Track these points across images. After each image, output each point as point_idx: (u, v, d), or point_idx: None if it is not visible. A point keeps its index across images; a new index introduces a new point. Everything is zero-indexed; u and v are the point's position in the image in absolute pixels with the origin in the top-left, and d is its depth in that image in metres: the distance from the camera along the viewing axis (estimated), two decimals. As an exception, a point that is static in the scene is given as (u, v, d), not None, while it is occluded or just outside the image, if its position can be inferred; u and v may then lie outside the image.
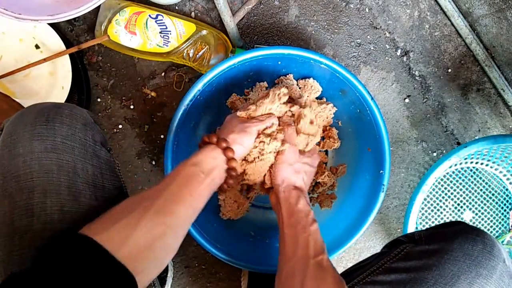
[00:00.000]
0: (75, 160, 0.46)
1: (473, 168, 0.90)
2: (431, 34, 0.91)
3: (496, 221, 0.90)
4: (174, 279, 0.89)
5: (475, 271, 0.47)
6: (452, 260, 0.48)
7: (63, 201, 0.44)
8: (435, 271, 0.48)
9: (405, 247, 0.53)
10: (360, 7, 0.89)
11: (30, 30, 0.77)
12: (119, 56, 0.86)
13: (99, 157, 0.50)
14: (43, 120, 0.45)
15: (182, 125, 0.70)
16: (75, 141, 0.47)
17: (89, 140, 0.49)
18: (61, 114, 0.47)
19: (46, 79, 0.79)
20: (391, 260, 0.53)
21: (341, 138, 0.80)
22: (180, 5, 0.86)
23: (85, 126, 0.49)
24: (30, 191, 0.42)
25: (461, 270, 0.47)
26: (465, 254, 0.48)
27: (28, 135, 0.44)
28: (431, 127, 0.92)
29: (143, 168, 0.88)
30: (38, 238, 0.41)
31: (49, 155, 0.44)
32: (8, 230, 0.42)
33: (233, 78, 0.75)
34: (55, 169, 0.44)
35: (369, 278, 0.53)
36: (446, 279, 0.47)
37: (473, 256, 0.48)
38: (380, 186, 0.72)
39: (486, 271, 0.47)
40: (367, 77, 0.90)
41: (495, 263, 0.48)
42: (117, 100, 0.87)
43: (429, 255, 0.50)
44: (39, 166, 0.43)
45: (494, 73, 0.90)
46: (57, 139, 0.45)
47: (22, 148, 0.44)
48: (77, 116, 0.48)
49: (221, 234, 0.75)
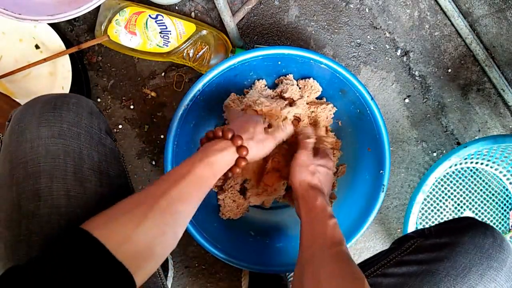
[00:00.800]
0: (81, 147, 0.47)
1: (473, 168, 0.90)
2: (431, 34, 0.91)
3: (496, 221, 0.90)
4: (174, 279, 0.89)
5: (486, 263, 0.48)
6: (463, 253, 0.49)
7: (69, 186, 0.44)
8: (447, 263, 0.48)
9: (416, 241, 0.54)
10: (360, 7, 0.89)
11: (30, 30, 0.77)
12: (119, 56, 0.86)
13: (104, 145, 0.50)
14: (50, 107, 0.46)
15: (182, 125, 0.70)
16: (81, 128, 0.47)
17: (95, 128, 0.49)
18: (68, 103, 0.48)
19: (46, 79, 0.79)
20: (402, 254, 0.53)
21: (341, 138, 0.80)
22: (180, 5, 0.86)
23: (91, 114, 0.49)
24: (37, 176, 0.43)
25: (472, 262, 0.48)
26: (476, 247, 0.49)
27: (36, 122, 0.45)
28: (431, 127, 0.92)
29: (143, 168, 0.88)
30: (44, 223, 0.42)
31: (55, 141, 0.45)
32: (16, 215, 0.42)
33: (233, 78, 0.75)
34: (61, 154, 0.45)
35: (380, 271, 0.53)
36: (458, 271, 0.48)
37: (484, 249, 0.49)
38: (380, 186, 0.72)
39: (497, 263, 0.48)
40: (367, 77, 0.90)
41: (505, 256, 0.49)
42: (117, 100, 0.87)
43: (440, 247, 0.50)
44: (46, 151, 0.44)
45: (494, 73, 0.90)
46: (63, 126, 0.46)
47: (29, 135, 0.44)
48: (83, 104, 0.49)
49: (221, 234, 0.75)
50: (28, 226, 0.42)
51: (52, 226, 0.42)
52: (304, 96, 0.77)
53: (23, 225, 0.42)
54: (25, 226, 0.42)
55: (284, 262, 0.74)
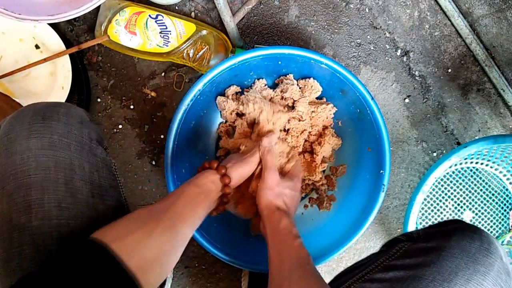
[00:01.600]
0: (72, 157, 0.46)
1: (473, 168, 0.90)
2: (431, 34, 0.91)
3: (496, 221, 0.90)
4: (174, 279, 0.89)
5: (472, 268, 0.47)
6: (449, 257, 0.48)
7: (60, 198, 0.44)
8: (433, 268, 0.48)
9: (404, 245, 0.53)
10: (360, 7, 0.89)
11: (30, 30, 0.77)
12: (119, 56, 0.86)
13: (95, 155, 0.50)
14: (39, 118, 0.46)
15: (182, 125, 0.70)
16: (71, 139, 0.47)
17: (85, 138, 0.49)
18: (58, 113, 0.47)
19: (46, 79, 0.79)
20: (390, 258, 0.53)
21: (341, 138, 0.80)
22: (180, 5, 0.85)
23: (81, 124, 0.49)
24: (27, 188, 0.43)
25: (459, 266, 0.47)
26: (462, 251, 0.48)
27: (25, 133, 0.45)
28: (431, 127, 0.92)
29: (143, 168, 0.88)
30: (36, 235, 0.42)
31: (46, 152, 0.44)
32: (7, 227, 0.42)
33: (233, 78, 0.75)
34: (52, 166, 0.44)
35: (367, 276, 0.53)
36: (444, 276, 0.47)
37: (471, 253, 0.48)
38: (380, 186, 0.72)
39: (484, 267, 0.47)
40: (367, 77, 0.90)
41: (493, 260, 0.48)
42: (117, 100, 0.87)
43: (427, 252, 0.50)
44: (36, 163, 0.44)
45: (494, 73, 0.90)
46: (54, 137, 0.45)
47: (19, 146, 0.44)
48: (73, 114, 0.49)
49: (221, 234, 0.75)
50: (19, 238, 0.41)
51: (44, 238, 0.42)
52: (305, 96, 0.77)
53: (15, 237, 0.42)
54: (16, 238, 0.41)
55: (284, 262, 0.74)
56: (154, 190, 0.89)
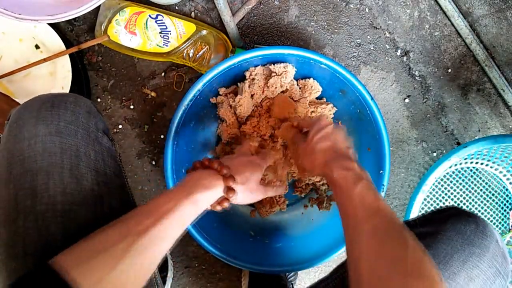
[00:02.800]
0: (78, 144, 0.47)
1: (473, 168, 0.90)
2: (431, 34, 0.91)
3: (496, 221, 0.90)
4: (174, 279, 0.89)
5: (468, 250, 0.47)
6: (445, 240, 0.48)
7: (65, 183, 0.44)
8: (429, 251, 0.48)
9: None
10: (360, 7, 0.89)
11: (30, 30, 0.77)
12: (119, 56, 0.86)
13: (101, 144, 0.51)
14: (48, 106, 0.47)
15: (182, 125, 0.70)
16: (78, 126, 0.48)
17: (92, 127, 0.50)
18: (66, 101, 0.48)
19: (46, 79, 0.79)
20: None
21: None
22: (180, 5, 0.85)
23: (88, 113, 0.50)
24: (34, 173, 0.43)
25: (454, 249, 0.47)
26: (457, 233, 0.48)
27: (33, 120, 0.45)
28: (431, 127, 0.92)
29: (143, 168, 0.88)
30: (40, 220, 0.42)
31: (52, 139, 0.45)
32: (13, 212, 0.42)
33: (233, 78, 0.75)
34: (58, 152, 0.45)
35: None
36: (439, 258, 0.47)
37: (466, 235, 0.48)
38: (380, 186, 0.72)
39: (479, 249, 0.47)
40: (367, 77, 0.90)
41: (488, 242, 0.48)
42: (117, 100, 0.87)
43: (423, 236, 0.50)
44: (43, 149, 0.44)
45: (494, 73, 0.90)
46: (61, 123, 0.46)
47: (27, 132, 0.45)
48: (81, 103, 0.50)
49: (221, 234, 0.75)
50: (24, 223, 0.42)
51: (48, 222, 0.42)
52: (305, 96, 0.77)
53: (20, 221, 0.42)
54: (21, 222, 0.42)
55: (284, 262, 0.74)
56: (154, 190, 0.89)
